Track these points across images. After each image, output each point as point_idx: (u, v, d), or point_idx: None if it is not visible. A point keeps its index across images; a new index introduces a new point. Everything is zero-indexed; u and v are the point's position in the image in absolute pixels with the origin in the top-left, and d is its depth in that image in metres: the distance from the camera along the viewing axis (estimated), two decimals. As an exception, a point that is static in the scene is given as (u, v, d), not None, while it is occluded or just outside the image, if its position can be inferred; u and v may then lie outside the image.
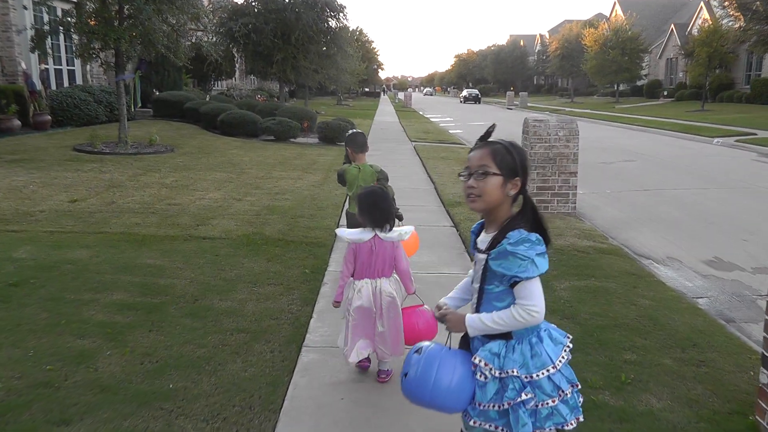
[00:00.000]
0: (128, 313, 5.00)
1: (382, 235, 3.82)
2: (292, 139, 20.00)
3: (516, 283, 2.26)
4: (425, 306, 4.02)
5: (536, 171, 9.07)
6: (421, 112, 48.55)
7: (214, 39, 29.39)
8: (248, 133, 20.24)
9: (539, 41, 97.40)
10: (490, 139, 2.42)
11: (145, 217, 8.36)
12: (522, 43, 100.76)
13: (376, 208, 3.80)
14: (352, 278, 3.91)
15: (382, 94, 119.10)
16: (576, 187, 9.20)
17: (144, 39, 14.71)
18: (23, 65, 18.81)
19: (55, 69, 22.35)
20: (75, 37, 14.77)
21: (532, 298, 2.25)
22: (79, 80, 23.74)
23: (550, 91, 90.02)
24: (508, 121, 38.01)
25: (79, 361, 4.15)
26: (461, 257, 6.95)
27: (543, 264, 2.23)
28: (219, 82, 42.35)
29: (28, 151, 14.12)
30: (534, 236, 2.25)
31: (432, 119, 39.07)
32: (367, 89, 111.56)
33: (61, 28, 14.70)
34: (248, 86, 52.24)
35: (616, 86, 61.97)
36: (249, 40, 27.68)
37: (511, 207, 2.37)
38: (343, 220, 8.30)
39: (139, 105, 16.55)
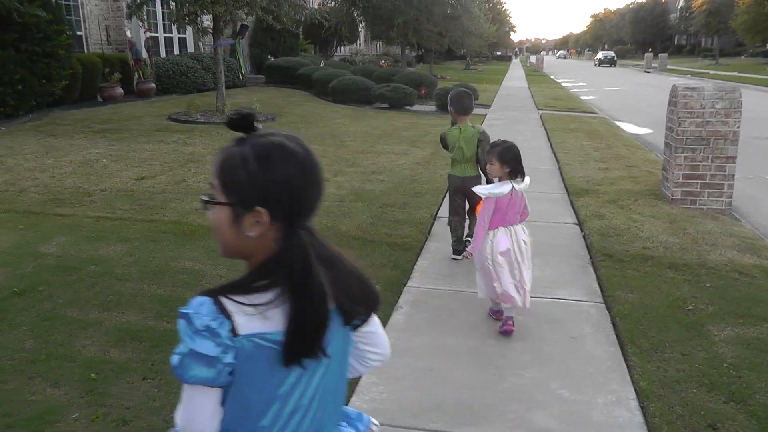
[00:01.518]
0: (129, 345, 3.81)
1: (517, 186, 4.05)
2: (407, 107, 18.56)
3: None
4: None
5: (684, 154, 7.13)
6: (552, 77, 45.66)
7: (333, 3, 28.41)
8: (361, 101, 19.02)
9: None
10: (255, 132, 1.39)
11: (214, 200, 7.23)
12: (663, 0, 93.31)
13: (514, 159, 4.05)
14: (487, 228, 4.08)
15: (513, 57, 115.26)
16: (733, 176, 7.17)
17: (240, 2, 13.66)
18: (129, 33, 18.45)
19: (165, 37, 22.05)
20: (172, 2, 13.90)
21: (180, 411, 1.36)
22: (190, 48, 23.37)
23: (692, 51, 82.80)
24: (646, 85, 34.72)
25: (33, 427, 2.99)
26: (585, 273, 5.28)
27: (196, 361, 1.27)
28: (341, 48, 41.43)
29: (121, 120, 13.56)
30: (205, 303, 1.29)
31: (563, 84, 36.37)
32: (498, 53, 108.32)
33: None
34: (373, 52, 51.25)
35: (769, 45, 55.67)
36: (369, 3, 26.39)
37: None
38: (443, 212, 6.85)
39: (244, 71, 15.65)
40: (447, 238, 6.06)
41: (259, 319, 1.29)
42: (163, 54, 22.27)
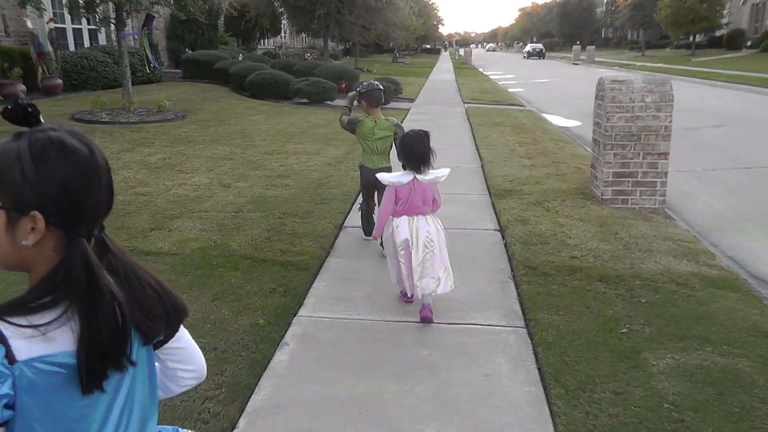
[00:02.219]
0: None
1: (420, 177, 4.07)
2: (328, 102, 17.73)
3: None
4: None
5: (613, 151, 6.58)
6: (481, 69, 45.57)
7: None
8: (280, 96, 18.08)
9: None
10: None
11: (92, 214, 6.30)
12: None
13: (413, 152, 4.07)
14: (391, 216, 4.16)
15: (442, 50, 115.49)
16: (666, 173, 6.64)
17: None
18: (30, 24, 17.01)
19: (74, 28, 20.57)
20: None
21: None
22: (102, 40, 21.92)
23: (619, 44, 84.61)
24: (574, 77, 34.80)
25: None
26: (504, 291, 4.62)
27: None
28: (264, 41, 40.19)
29: (16, 121, 12.30)
30: None
31: (492, 77, 36.15)
32: (427, 46, 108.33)
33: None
34: (299, 45, 50.07)
35: (692, 37, 57.09)
36: (289, -6, 25.43)
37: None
38: (350, 221, 6.15)
39: (152, 66, 14.54)
40: (350, 253, 5.36)
41: (41, 341, 1.14)
42: (72, 47, 20.77)
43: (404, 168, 4.17)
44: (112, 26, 13.96)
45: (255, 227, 5.86)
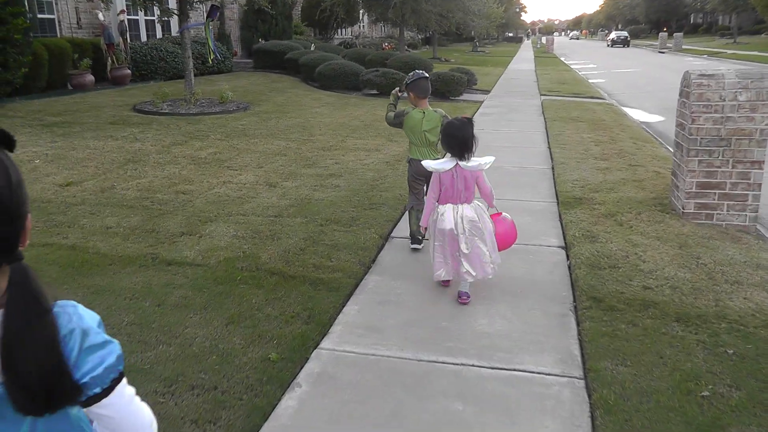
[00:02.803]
0: None
1: (462, 164, 4.12)
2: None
3: None
4: (505, 214, 4.46)
5: (698, 158, 5.76)
6: (562, 58, 43.94)
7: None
8: (349, 87, 17.65)
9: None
10: None
11: (129, 215, 5.99)
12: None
13: (455, 138, 4.11)
14: (437, 203, 4.28)
15: (525, 38, 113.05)
16: (760, 185, 5.75)
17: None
18: (101, 16, 17.12)
19: (147, 20, 20.72)
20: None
21: None
22: (174, 32, 22.03)
23: (709, 30, 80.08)
24: (659, 67, 32.94)
25: None
26: (562, 328, 3.94)
27: None
28: (341, 31, 39.88)
29: (80, 111, 12.31)
30: None
31: (573, 66, 34.71)
32: (510, 34, 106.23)
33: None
34: (377, 34, 49.61)
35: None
36: (364, -18, 24.89)
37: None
38: (399, 230, 5.60)
39: (212, 57, 14.35)
40: (393, 270, 4.80)
41: None
42: (144, 38, 20.99)
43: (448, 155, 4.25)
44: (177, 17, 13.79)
45: (291, 235, 5.38)
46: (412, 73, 5.17)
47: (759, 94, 5.53)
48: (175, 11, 13.39)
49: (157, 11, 13.05)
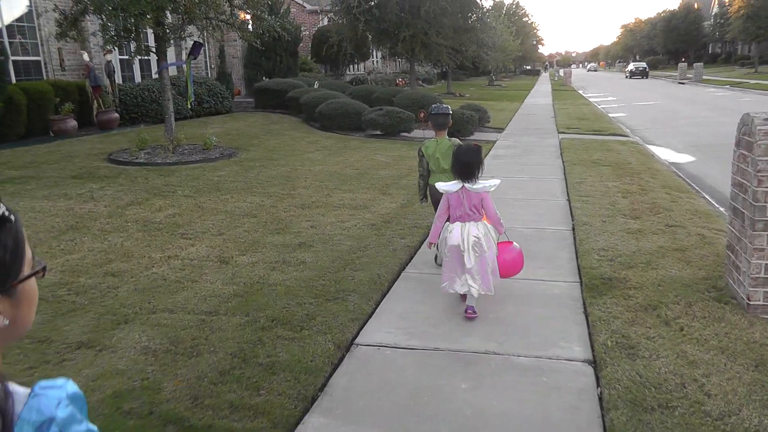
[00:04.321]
0: None
1: (468, 186, 4.47)
2: (404, 134, 15.85)
3: None
4: (515, 243, 4.76)
5: (767, 232, 4.30)
6: (580, 91, 42.68)
7: (336, 17, 25.98)
8: (351, 127, 16.38)
9: (716, 2, 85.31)
10: None
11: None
12: (696, 6, 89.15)
13: (460, 162, 4.52)
14: (447, 222, 4.64)
15: (542, 71, 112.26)
16: None
17: (185, 12, 11.11)
18: (86, 57, 16.10)
19: (141, 60, 19.69)
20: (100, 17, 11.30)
21: None
22: (173, 72, 21.03)
23: (728, 60, 78.39)
24: (681, 99, 31.42)
25: None
26: None
27: None
28: (353, 67, 38.90)
29: (47, 162, 11.08)
30: None
31: (592, 99, 33.39)
32: (527, 67, 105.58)
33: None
34: (390, 70, 48.67)
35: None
36: (372, 16, 23.77)
37: None
38: (367, 333, 4.19)
39: (192, 99, 13.20)
40: (350, 404, 3.39)
41: None
42: (138, 79, 19.98)
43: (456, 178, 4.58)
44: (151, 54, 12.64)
45: (217, 349, 3.97)
46: (435, 105, 5.64)
47: None
48: (152, 48, 12.22)
49: (132, 47, 11.82)
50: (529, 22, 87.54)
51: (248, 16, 14.52)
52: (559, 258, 5.88)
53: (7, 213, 1.01)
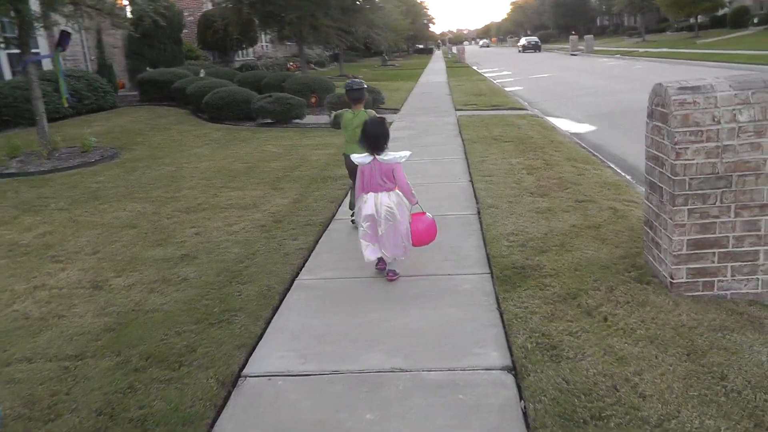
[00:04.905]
0: None
1: (379, 157, 4.71)
2: (296, 120, 15.09)
3: None
4: (428, 214, 4.95)
5: (687, 206, 3.99)
6: (475, 67, 43.02)
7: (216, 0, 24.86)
8: (241, 116, 15.48)
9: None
10: None
11: None
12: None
13: (369, 135, 4.76)
14: (362, 192, 4.82)
15: (435, 50, 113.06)
16: (770, 235, 4.07)
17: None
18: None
19: (9, 54, 18.01)
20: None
21: None
22: (48, 66, 19.38)
23: (616, 31, 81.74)
24: (575, 69, 32.16)
25: None
26: None
27: None
28: (243, 52, 37.57)
29: None
30: None
31: (487, 75, 33.61)
32: (420, 46, 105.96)
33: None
34: (282, 54, 47.41)
35: (694, 19, 54.36)
36: (256, -1, 22.80)
37: None
38: (258, 360, 3.57)
39: (66, 97, 12.08)
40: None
41: None
42: (8, 76, 18.24)
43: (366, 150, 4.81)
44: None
45: (80, 406, 3.27)
46: (348, 81, 6.06)
47: (765, 110, 3.81)
48: (14, 40, 11.00)
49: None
50: (419, 1, 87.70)
51: (125, 1, 13.47)
52: (466, 247, 5.46)
53: None
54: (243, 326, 4.07)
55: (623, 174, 8.19)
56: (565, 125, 13.34)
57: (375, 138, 4.73)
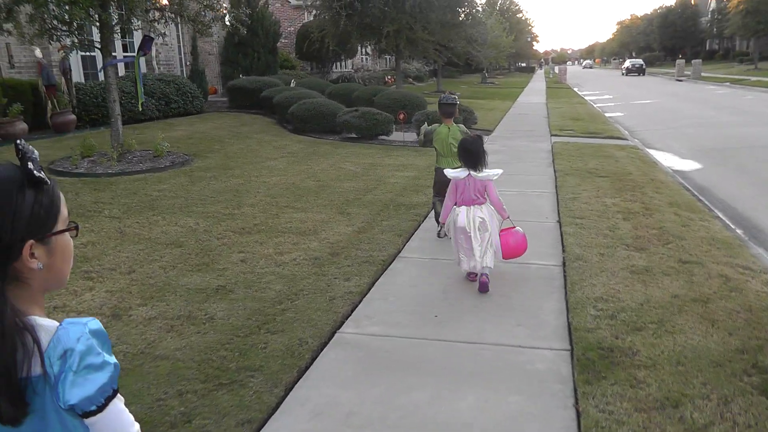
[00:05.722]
0: None
1: (474, 174, 4.94)
2: (382, 137, 14.51)
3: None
4: (518, 228, 5.18)
5: None
6: (575, 89, 41.46)
7: (309, 6, 24.71)
8: (326, 129, 15.04)
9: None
10: None
11: None
12: (693, 2, 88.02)
13: (468, 152, 4.98)
14: (455, 206, 5.06)
15: (537, 68, 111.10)
16: None
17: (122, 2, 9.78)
18: (38, 53, 14.71)
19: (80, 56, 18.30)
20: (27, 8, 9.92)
21: None
22: (144, 68, 19.65)
23: (726, 56, 77.23)
24: (680, 97, 30.12)
25: None
26: None
27: None
28: (340, 64, 37.51)
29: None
30: None
31: (587, 97, 32.18)
32: (522, 64, 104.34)
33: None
34: (380, 67, 47.24)
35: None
36: (353, 10, 22.44)
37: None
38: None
39: (142, 101, 11.89)
40: None
41: None
42: (102, 76, 18.56)
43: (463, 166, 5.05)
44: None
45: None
46: (443, 95, 6.37)
47: None
48: (97, 43, 10.88)
49: (68, 41, 10.46)
50: (524, 18, 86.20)
51: (226, 7, 13.29)
52: (545, 310, 4.58)
53: (44, 177, 1.22)
54: (256, 393, 3.37)
55: (734, 228, 7.07)
56: (668, 160, 12.12)
57: (475, 155, 4.95)
